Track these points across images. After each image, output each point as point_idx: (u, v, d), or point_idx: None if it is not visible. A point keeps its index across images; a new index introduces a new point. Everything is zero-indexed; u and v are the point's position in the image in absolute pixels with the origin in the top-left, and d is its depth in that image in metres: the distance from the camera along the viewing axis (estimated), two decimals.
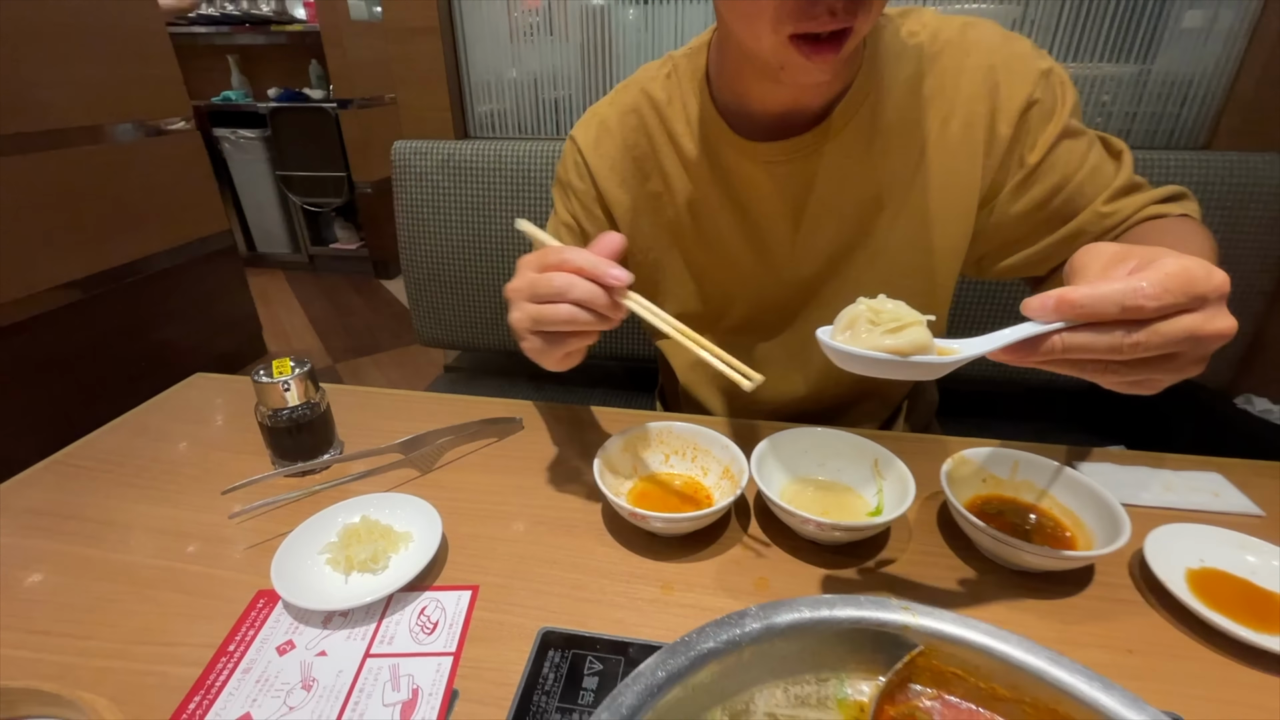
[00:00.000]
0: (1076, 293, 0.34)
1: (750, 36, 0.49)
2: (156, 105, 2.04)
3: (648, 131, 0.65)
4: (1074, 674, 0.31)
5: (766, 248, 0.65)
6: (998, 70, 0.57)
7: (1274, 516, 0.55)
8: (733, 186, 0.63)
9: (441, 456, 0.64)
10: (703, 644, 0.34)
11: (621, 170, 0.66)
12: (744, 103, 0.58)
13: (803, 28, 0.45)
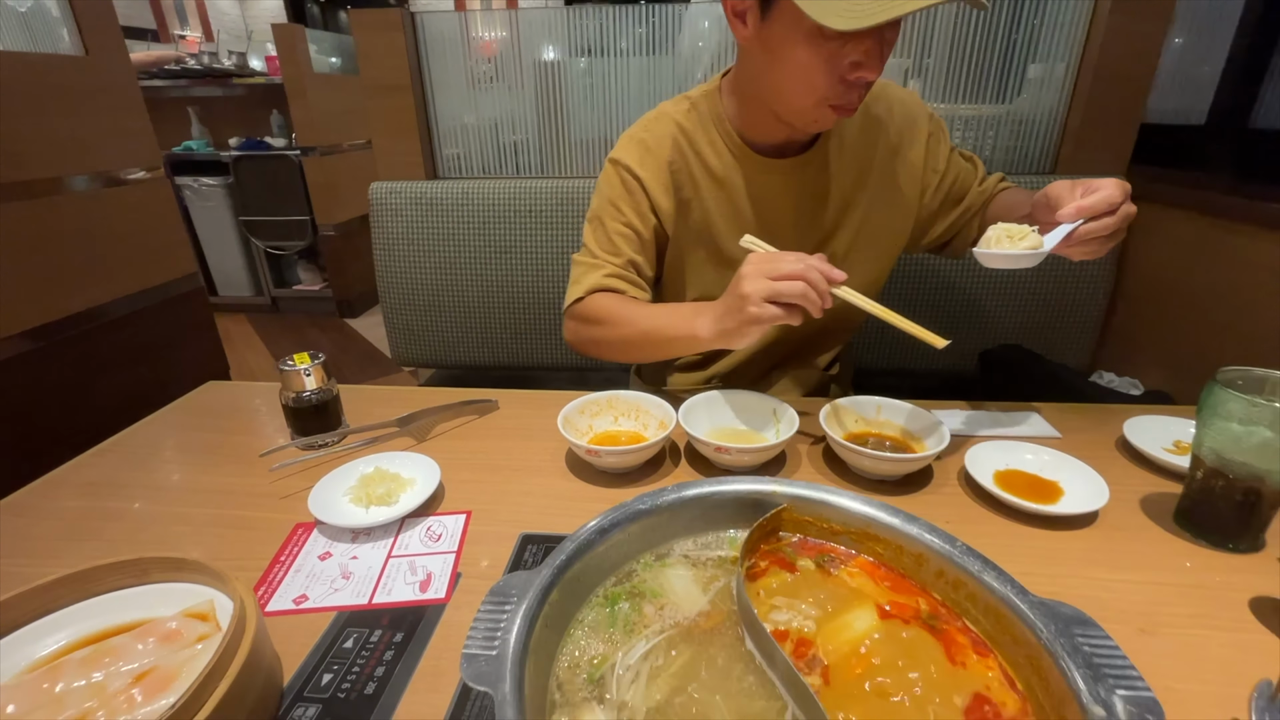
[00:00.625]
0: (1086, 201, 0.65)
1: (792, 103, 0.73)
2: (129, 156, 2.14)
3: (681, 152, 0.84)
4: (882, 510, 0.48)
5: (773, 236, 0.84)
6: (909, 109, 0.86)
7: (1068, 438, 0.74)
8: (749, 192, 0.84)
9: (433, 429, 0.78)
10: (634, 506, 0.49)
11: (663, 181, 0.85)
12: (753, 135, 0.83)
13: (839, 101, 0.70)
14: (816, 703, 0.35)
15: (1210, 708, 0.42)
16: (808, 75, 0.68)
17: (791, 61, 0.69)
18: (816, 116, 0.73)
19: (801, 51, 0.67)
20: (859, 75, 0.67)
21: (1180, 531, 0.59)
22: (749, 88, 0.79)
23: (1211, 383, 0.55)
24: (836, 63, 0.67)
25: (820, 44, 0.66)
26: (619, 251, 0.85)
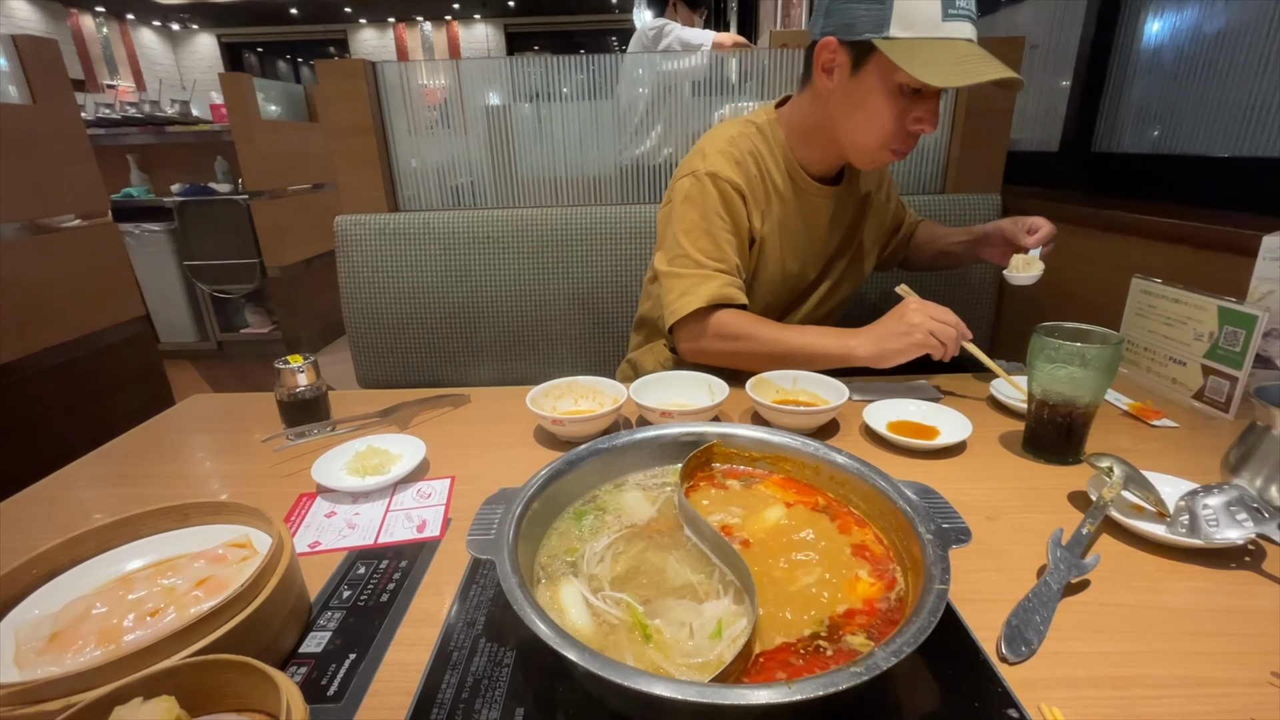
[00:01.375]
0: (1041, 235, 0.99)
1: (861, 144, 0.91)
2: (77, 201, 2.16)
3: (759, 168, 0.99)
4: (790, 438, 0.62)
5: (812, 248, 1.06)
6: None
7: (948, 399, 0.91)
8: (801, 211, 1.02)
9: (413, 419, 0.88)
10: (597, 445, 0.62)
11: (756, 196, 0.99)
12: (808, 165, 1.00)
13: (898, 146, 0.90)
14: (736, 554, 0.48)
15: (1028, 558, 0.56)
16: (883, 123, 0.87)
17: (872, 110, 0.87)
18: (877, 157, 0.92)
19: (883, 103, 0.85)
20: (919, 127, 0.87)
21: (1025, 455, 0.75)
22: (818, 127, 0.95)
23: (1034, 334, 0.72)
24: (906, 116, 0.86)
25: (898, 100, 0.84)
26: (726, 258, 0.95)
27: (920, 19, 0.78)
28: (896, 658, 0.36)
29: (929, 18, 0.78)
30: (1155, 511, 0.60)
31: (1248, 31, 1.15)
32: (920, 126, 0.86)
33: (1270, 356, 0.81)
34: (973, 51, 0.79)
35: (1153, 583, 0.54)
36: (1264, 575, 0.54)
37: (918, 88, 0.83)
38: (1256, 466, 0.59)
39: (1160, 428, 0.81)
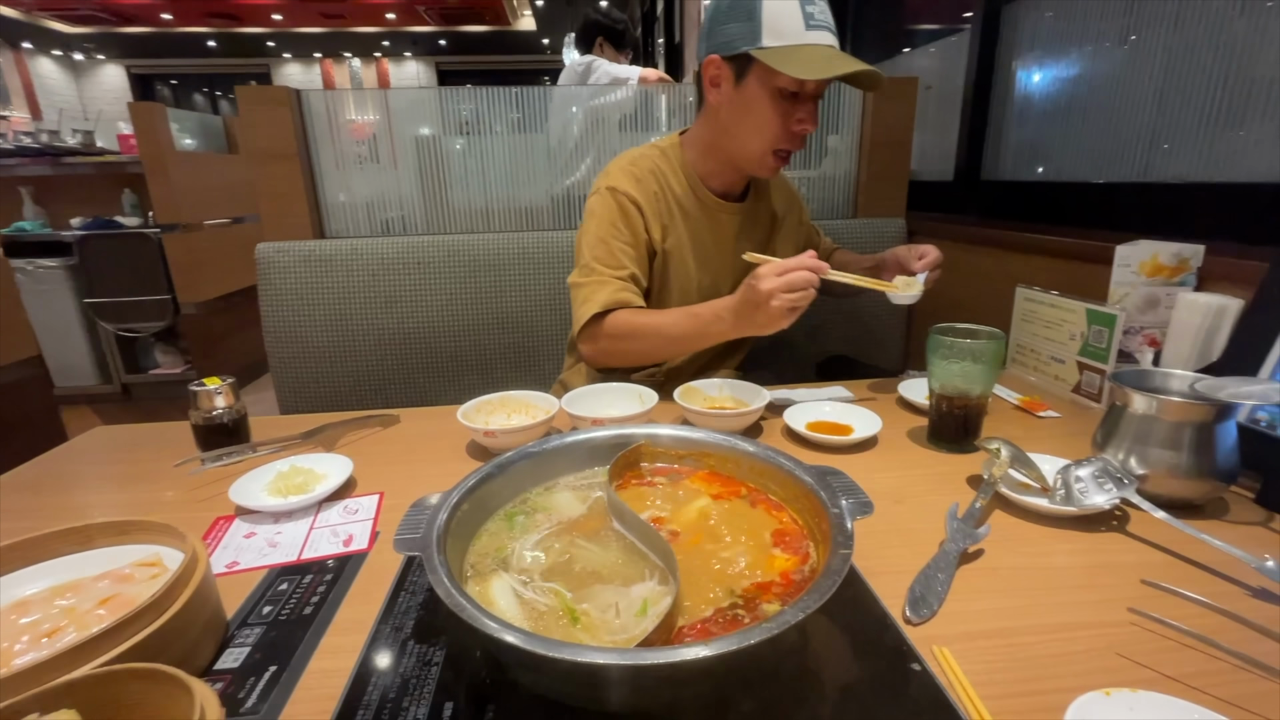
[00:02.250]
0: (929, 260, 1.03)
1: (749, 148, 0.98)
2: None
3: (661, 186, 1.05)
4: (711, 435, 0.65)
5: (720, 265, 1.09)
6: (789, 187, 1.22)
7: (861, 400, 0.97)
8: (707, 226, 1.08)
9: (339, 439, 0.86)
10: (527, 449, 0.63)
11: (653, 209, 1.04)
12: (710, 182, 1.07)
13: (783, 147, 0.97)
14: (660, 537, 0.50)
15: (931, 534, 0.61)
16: (769, 126, 0.94)
17: (758, 115, 0.94)
18: (766, 161, 0.98)
19: (766, 107, 0.93)
20: (802, 127, 0.94)
21: (930, 445, 0.82)
22: (713, 141, 1.03)
23: (929, 334, 0.79)
24: (789, 118, 0.93)
25: (779, 103, 0.92)
26: (622, 265, 1.01)
27: (787, 29, 0.88)
28: (804, 612, 0.39)
29: (794, 28, 0.88)
30: (1039, 487, 0.67)
31: (1099, 79, 1.32)
32: (803, 126, 0.94)
33: (1130, 351, 0.92)
34: (835, 54, 0.90)
35: (1037, 547, 0.60)
36: (1127, 535, 0.61)
37: (795, 90, 0.92)
38: (1118, 441, 0.67)
39: (1046, 418, 0.90)
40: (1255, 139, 1.02)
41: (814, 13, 0.89)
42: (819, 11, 0.90)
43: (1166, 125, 1.16)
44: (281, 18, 10.32)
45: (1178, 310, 0.86)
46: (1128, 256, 0.92)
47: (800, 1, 0.89)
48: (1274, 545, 0.59)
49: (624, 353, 1.00)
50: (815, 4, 0.90)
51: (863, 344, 1.62)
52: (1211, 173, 1.08)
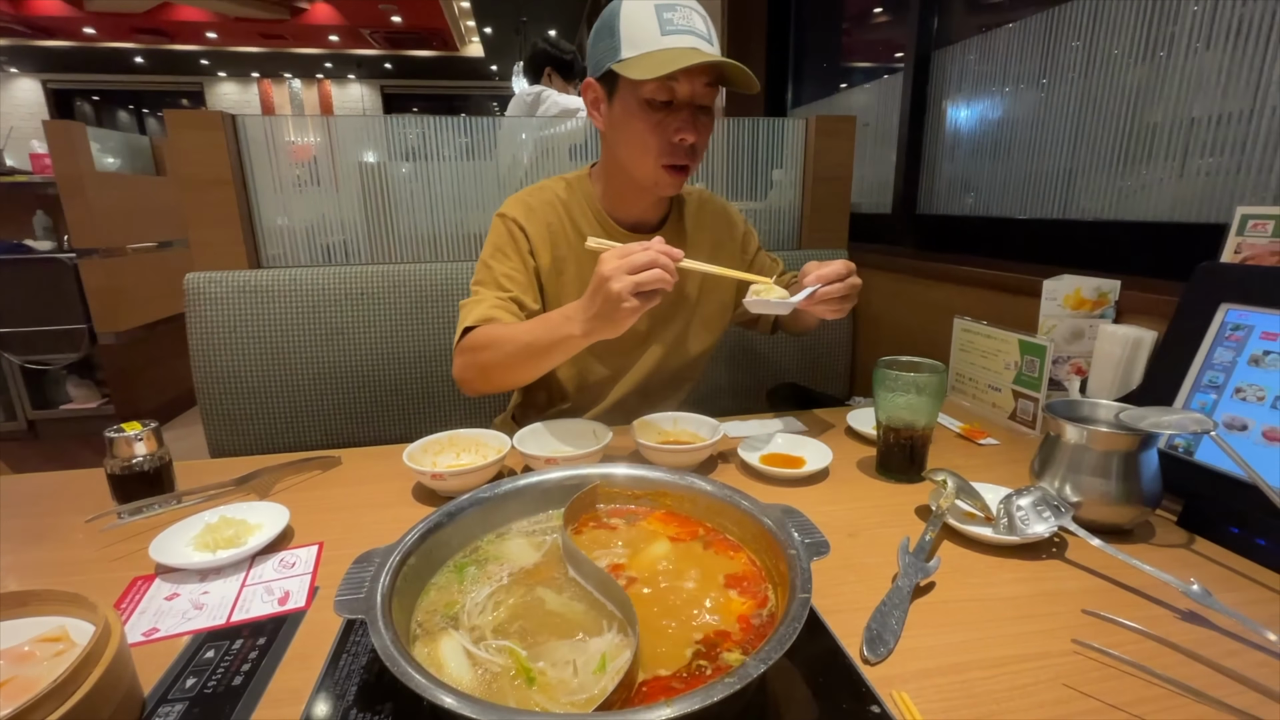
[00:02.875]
0: (820, 271, 0.87)
1: (639, 166, 0.94)
2: None
3: (559, 217, 1.02)
4: (668, 474, 0.64)
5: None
6: (727, 212, 1.16)
7: (812, 431, 0.98)
8: None
9: (275, 485, 0.81)
10: (478, 495, 0.61)
11: (543, 237, 1.01)
12: (617, 213, 1.03)
13: (669, 161, 0.92)
14: (617, 586, 0.48)
15: (884, 568, 0.62)
16: (645, 139, 0.91)
17: (633, 130, 0.92)
18: (658, 177, 0.94)
19: (638, 120, 0.91)
20: (681, 137, 0.90)
21: (879, 476, 0.83)
22: (611, 167, 1.01)
23: (875, 368, 0.81)
24: (664, 129, 0.90)
25: (649, 114, 0.90)
26: (505, 289, 0.97)
27: (642, 37, 0.87)
28: (766, 664, 0.38)
29: (650, 35, 0.87)
30: (983, 516, 0.69)
31: (1020, 120, 1.41)
32: (681, 136, 0.90)
33: (1059, 379, 0.97)
34: (688, 53, 0.85)
35: (984, 578, 0.61)
36: (1066, 561, 0.63)
37: (666, 98, 0.89)
38: (1054, 470, 0.70)
39: (985, 445, 0.93)
40: (1159, 179, 1.11)
41: (672, 18, 0.87)
42: (679, 18, 0.88)
43: (1081, 165, 1.25)
44: (217, 36, 9.98)
45: (1099, 341, 0.92)
46: (1054, 290, 0.97)
47: (657, 9, 0.87)
48: (1197, 567, 0.63)
49: (482, 365, 0.92)
50: (676, 10, 0.88)
51: (810, 372, 1.66)
52: (1122, 211, 1.17)
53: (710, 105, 0.93)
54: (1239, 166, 0.97)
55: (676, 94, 0.89)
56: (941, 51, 1.64)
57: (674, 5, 0.88)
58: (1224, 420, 0.69)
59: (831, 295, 0.87)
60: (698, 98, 0.91)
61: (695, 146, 0.93)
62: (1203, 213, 1.03)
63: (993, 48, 1.48)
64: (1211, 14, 1.00)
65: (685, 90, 0.89)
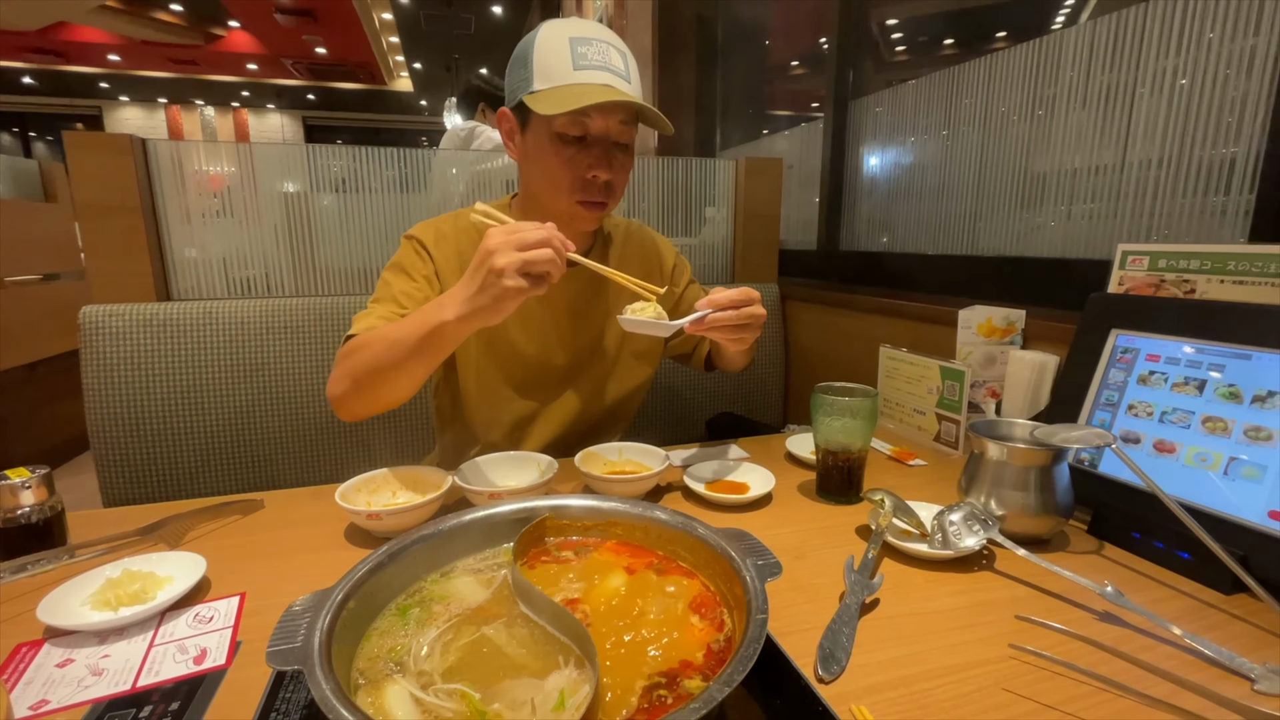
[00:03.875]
0: (711, 297, 0.82)
1: (553, 200, 0.92)
2: None
3: (472, 244, 0.96)
4: (618, 503, 0.64)
5: (554, 330, 1.03)
6: (657, 243, 1.15)
7: (755, 456, 1.01)
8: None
9: (187, 534, 0.75)
10: (419, 532, 0.58)
11: (453, 264, 0.97)
12: None
13: (582, 197, 0.90)
14: (574, 619, 0.47)
15: (832, 587, 0.64)
16: (557, 175, 0.90)
17: (545, 163, 0.90)
18: (573, 213, 0.92)
19: (549, 154, 0.89)
20: (594, 174, 0.89)
21: (819, 499, 0.86)
22: (528, 198, 1.00)
23: (813, 393, 0.85)
24: (577, 164, 0.88)
25: (561, 148, 0.88)
26: (401, 305, 0.92)
27: (555, 71, 0.85)
28: (729, 686, 0.38)
29: (562, 69, 0.85)
30: (919, 533, 0.72)
31: (929, 165, 1.54)
32: (595, 173, 0.89)
33: (977, 402, 1.04)
34: (597, 90, 0.83)
35: (923, 591, 0.64)
36: (996, 572, 0.67)
37: (578, 133, 0.87)
38: (979, 485, 0.75)
39: (915, 466, 0.98)
40: (1050, 220, 1.23)
41: (586, 53, 0.85)
42: (594, 52, 0.86)
43: (983, 207, 1.37)
44: (120, 59, 9.44)
45: (1010, 366, 0.99)
46: (968, 319, 1.05)
47: (572, 42, 0.85)
48: (1108, 571, 0.68)
49: (353, 373, 0.82)
50: (591, 44, 0.86)
51: (747, 402, 1.71)
52: (1021, 248, 1.28)
53: (628, 142, 0.92)
54: (1115, 211, 1.10)
55: (590, 129, 0.87)
56: (857, 102, 1.77)
57: (589, 39, 0.87)
58: (1121, 434, 0.76)
59: (723, 322, 0.81)
60: (613, 134, 0.89)
61: (610, 184, 0.91)
62: (1088, 250, 1.14)
63: (902, 100, 1.61)
64: (1085, 79, 1.13)
65: (599, 126, 0.87)
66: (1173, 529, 0.65)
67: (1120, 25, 1.06)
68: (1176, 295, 0.80)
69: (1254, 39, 0.89)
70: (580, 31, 0.87)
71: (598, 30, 0.88)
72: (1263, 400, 0.65)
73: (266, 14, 7.70)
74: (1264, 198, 0.86)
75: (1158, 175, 1.03)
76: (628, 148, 0.93)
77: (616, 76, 0.87)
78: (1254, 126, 0.89)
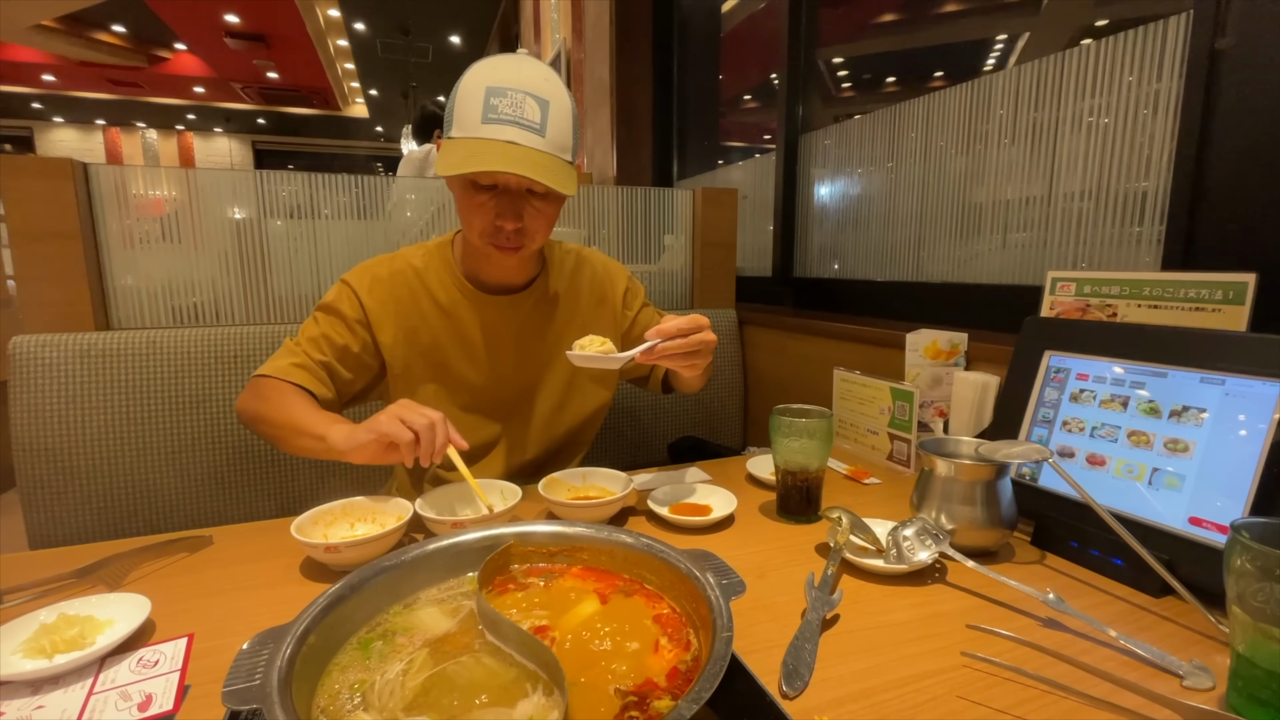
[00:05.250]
0: (659, 326, 0.82)
1: (470, 238, 0.95)
2: None
3: (410, 287, 1.00)
4: (584, 528, 0.64)
5: (499, 361, 1.03)
6: (609, 269, 1.15)
7: (717, 480, 1.02)
8: (477, 323, 1.02)
9: (129, 574, 0.71)
10: (381, 564, 0.57)
11: (389, 310, 0.99)
12: (478, 276, 1.02)
13: (494, 242, 0.92)
14: (541, 645, 0.47)
15: (793, 605, 0.65)
16: (470, 218, 0.92)
17: (461, 205, 0.93)
18: (488, 253, 0.94)
19: (463, 198, 0.91)
20: (500, 223, 0.89)
21: (780, 518, 0.88)
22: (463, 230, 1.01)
23: (771, 415, 0.87)
24: (486, 211, 0.89)
25: (472, 194, 0.89)
26: (322, 351, 0.96)
27: (466, 120, 0.86)
28: (698, 703, 0.39)
29: (472, 119, 0.85)
30: (875, 549, 0.74)
31: (875, 196, 1.62)
32: (500, 222, 0.89)
33: (925, 421, 1.09)
34: (505, 151, 0.83)
35: (880, 605, 0.66)
36: (948, 585, 0.70)
37: (488, 183, 0.88)
38: (930, 500, 0.78)
39: (870, 485, 1.02)
40: (988, 248, 1.30)
41: (498, 104, 0.84)
42: (506, 104, 0.84)
43: (926, 235, 1.45)
44: (55, 79, 9.07)
45: (955, 386, 1.04)
46: (915, 342, 1.10)
47: (487, 92, 0.85)
48: (1050, 579, 0.71)
49: (254, 416, 0.91)
50: (505, 95, 0.85)
51: (708, 425, 1.73)
52: (961, 275, 1.36)
53: (544, 191, 0.89)
54: (1044, 240, 1.18)
55: (498, 180, 0.87)
56: (806, 136, 1.86)
57: (505, 90, 0.85)
58: (1056, 449, 0.81)
59: (672, 350, 0.81)
60: (523, 183, 0.88)
61: (523, 230, 0.91)
62: (1021, 276, 1.22)
63: (849, 134, 1.70)
64: (1013, 117, 1.22)
65: (506, 178, 0.87)
66: (1106, 537, 0.69)
67: (1043, 70, 1.16)
68: (1100, 318, 0.87)
69: (1157, 84, 0.98)
70: (499, 80, 0.86)
71: (519, 79, 0.87)
72: (1179, 414, 0.71)
73: (216, 38, 7.55)
74: (1173, 228, 0.94)
75: (1080, 207, 1.11)
76: (545, 195, 0.91)
77: (526, 130, 0.85)
78: (1161, 163, 0.98)
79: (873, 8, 1.88)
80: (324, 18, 6.99)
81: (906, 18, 1.77)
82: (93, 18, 7.11)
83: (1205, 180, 0.89)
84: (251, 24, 7.16)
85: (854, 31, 1.94)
